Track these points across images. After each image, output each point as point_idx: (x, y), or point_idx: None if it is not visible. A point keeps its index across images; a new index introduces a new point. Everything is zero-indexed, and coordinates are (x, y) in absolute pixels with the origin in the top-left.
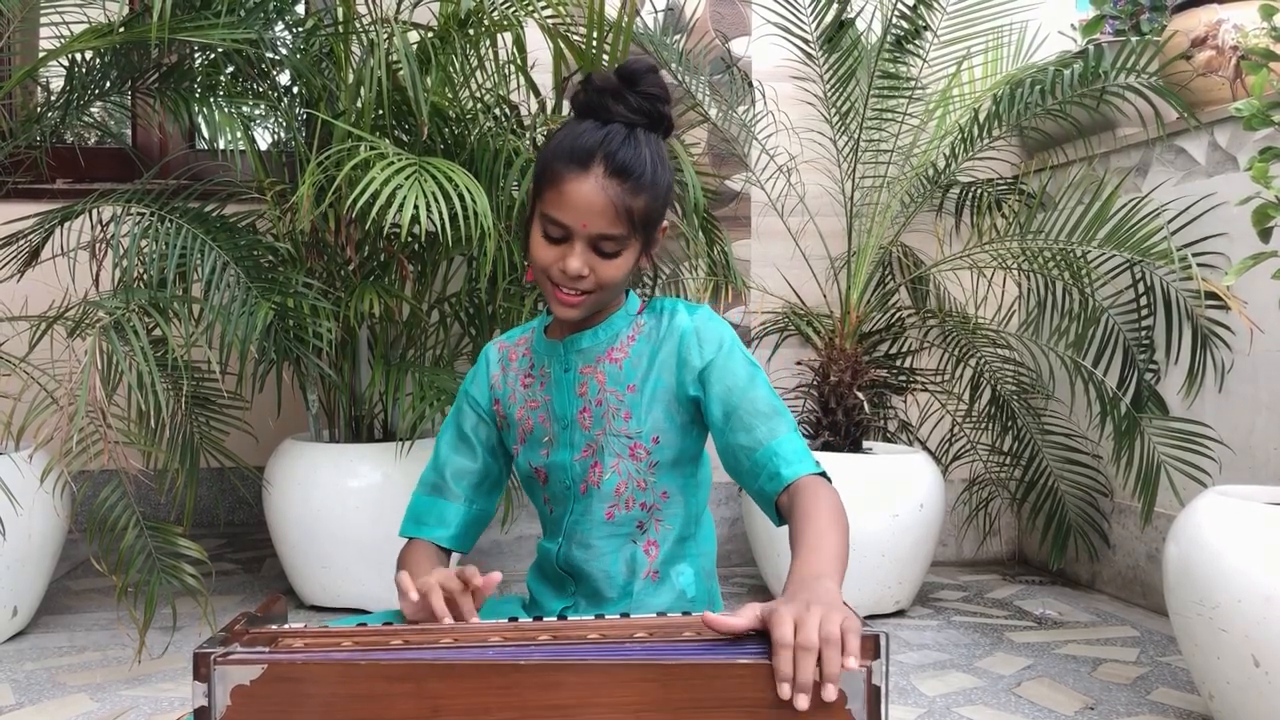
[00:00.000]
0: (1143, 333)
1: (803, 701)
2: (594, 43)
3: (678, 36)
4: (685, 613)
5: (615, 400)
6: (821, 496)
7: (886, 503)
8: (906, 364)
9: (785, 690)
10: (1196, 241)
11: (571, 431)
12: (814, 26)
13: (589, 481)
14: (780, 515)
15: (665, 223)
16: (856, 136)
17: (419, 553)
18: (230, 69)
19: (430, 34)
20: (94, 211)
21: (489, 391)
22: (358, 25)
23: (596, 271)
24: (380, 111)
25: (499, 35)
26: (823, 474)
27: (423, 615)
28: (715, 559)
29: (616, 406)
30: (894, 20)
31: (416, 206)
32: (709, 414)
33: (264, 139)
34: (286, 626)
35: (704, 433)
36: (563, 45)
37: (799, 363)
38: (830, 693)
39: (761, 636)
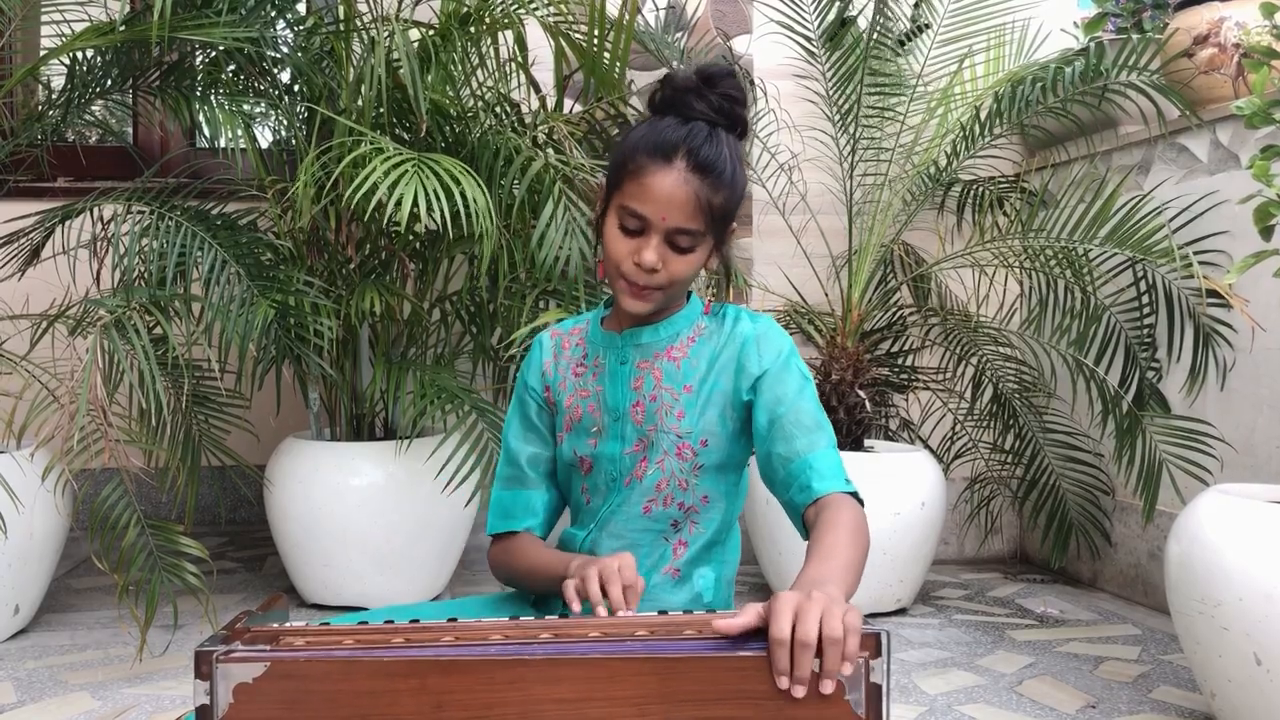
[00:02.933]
0: (1144, 331)
1: (800, 691)
2: (595, 40)
3: (679, 34)
4: (687, 611)
5: (670, 398)
6: (845, 513)
7: (888, 501)
8: (908, 362)
9: (783, 683)
10: (1198, 240)
11: (623, 424)
12: (815, 25)
13: (634, 475)
14: (806, 528)
15: (734, 223)
16: (857, 135)
17: (524, 542)
18: (231, 67)
19: (431, 32)
20: (95, 210)
21: (541, 378)
22: (358, 23)
23: (669, 266)
24: (381, 110)
25: (500, 33)
26: (854, 494)
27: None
28: (737, 568)
29: (670, 404)
30: (896, 18)
31: (416, 202)
32: (755, 420)
33: (265, 137)
34: (288, 625)
35: (752, 441)
36: (564, 43)
37: None
38: (828, 686)
39: (763, 632)
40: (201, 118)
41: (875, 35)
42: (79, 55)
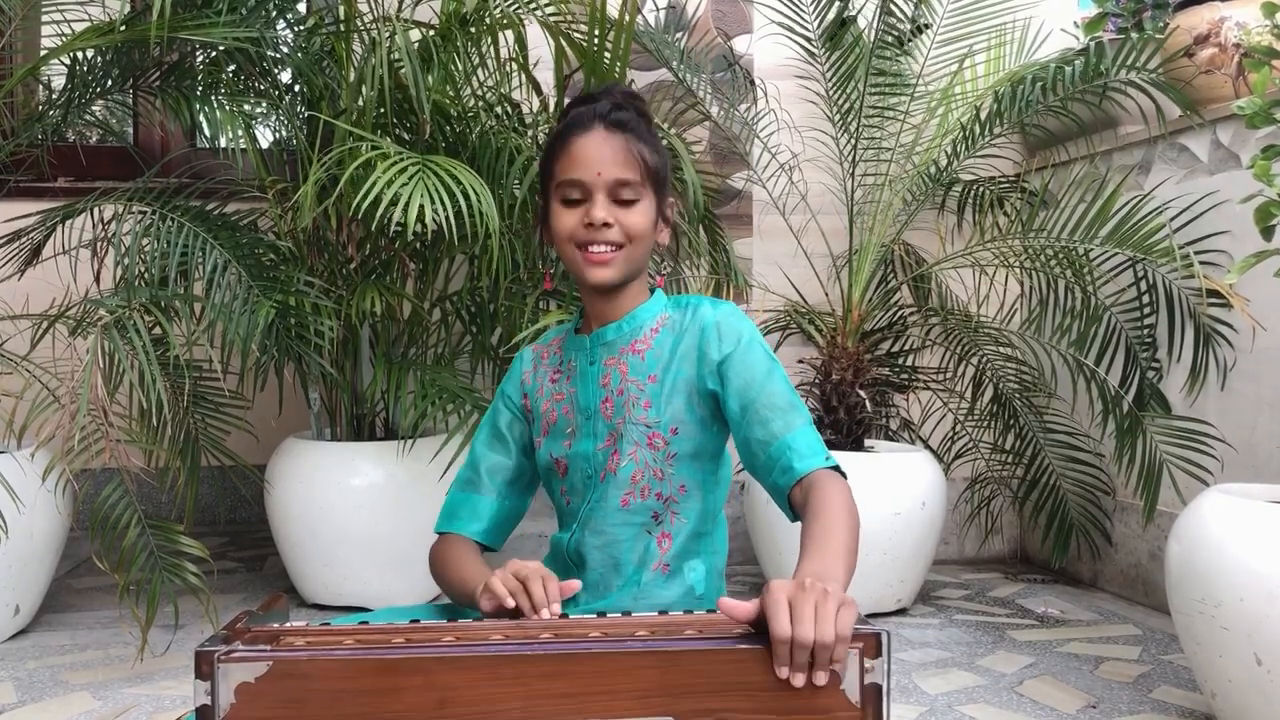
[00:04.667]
0: (1145, 331)
1: (799, 679)
2: (595, 40)
3: (679, 34)
4: (688, 611)
5: (636, 390)
6: (833, 492)
7: (888, 501)
8: (908, 362)
9: (783, 672)
10: (1199, 239)
11: (594, 421)
12: (815, 24)
13: (608, 469)
14: (794, 510)
15: (671, 198)
16: (858, 135)
17: (458, 548)
18: (232, 67)
19: (432, 32)
20: (95, 210)
21: (520, 388)
22: (359, 23)
23: (620, 220)
24: (382, 110)
25: (500, 33)
26: (836, 468)
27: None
28: (726, 559)
29: (637, 395)
30: (896, 18)
31: (421, 205)
32: (726, 408)
33: (265, 137)
34: (288, 625)
35: (725, 430)
36: (564, 43)
37: (801, 361)
38: (820, 677)
39: (763, 622)
40: (202, 118)
41: (876, 35)
42: (79, 55)
